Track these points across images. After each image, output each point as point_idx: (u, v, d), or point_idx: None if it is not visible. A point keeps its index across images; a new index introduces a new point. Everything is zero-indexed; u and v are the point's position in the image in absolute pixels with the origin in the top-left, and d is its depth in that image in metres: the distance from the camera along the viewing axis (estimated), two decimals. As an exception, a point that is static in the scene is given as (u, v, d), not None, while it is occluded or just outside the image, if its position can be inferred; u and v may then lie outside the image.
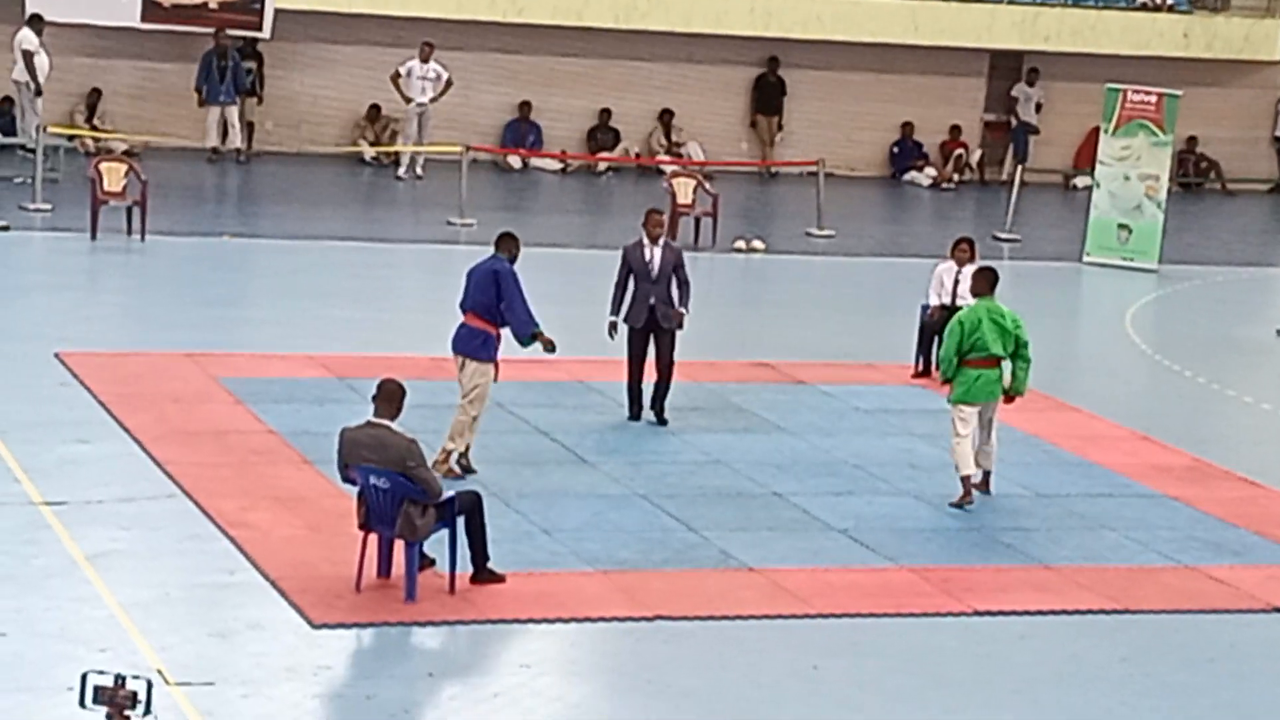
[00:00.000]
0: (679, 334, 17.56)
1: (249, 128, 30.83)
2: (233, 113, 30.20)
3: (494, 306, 15.55)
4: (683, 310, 17.46)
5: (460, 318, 15.68)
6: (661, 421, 17.40)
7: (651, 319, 17.35)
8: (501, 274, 15.58)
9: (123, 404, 16.68)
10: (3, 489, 14.40)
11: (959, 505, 15.57)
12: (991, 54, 34.60)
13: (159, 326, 19.93)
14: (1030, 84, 34.59)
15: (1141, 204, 27.48)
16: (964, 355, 15.71)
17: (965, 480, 15.66)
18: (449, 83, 30.19)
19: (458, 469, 15.47)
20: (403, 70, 30.09)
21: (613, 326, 17.41)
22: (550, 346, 15.80)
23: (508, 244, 15.84)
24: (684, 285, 17.48)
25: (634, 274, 17.36)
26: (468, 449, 15.56)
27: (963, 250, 19.74)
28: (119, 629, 12.01)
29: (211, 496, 14.51)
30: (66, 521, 13.81)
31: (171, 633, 12.03)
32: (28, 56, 28.31)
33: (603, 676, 12.26)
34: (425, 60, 30.10)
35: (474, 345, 15.58)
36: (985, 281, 16.05)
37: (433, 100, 30.08)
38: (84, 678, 8.96)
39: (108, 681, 8.91)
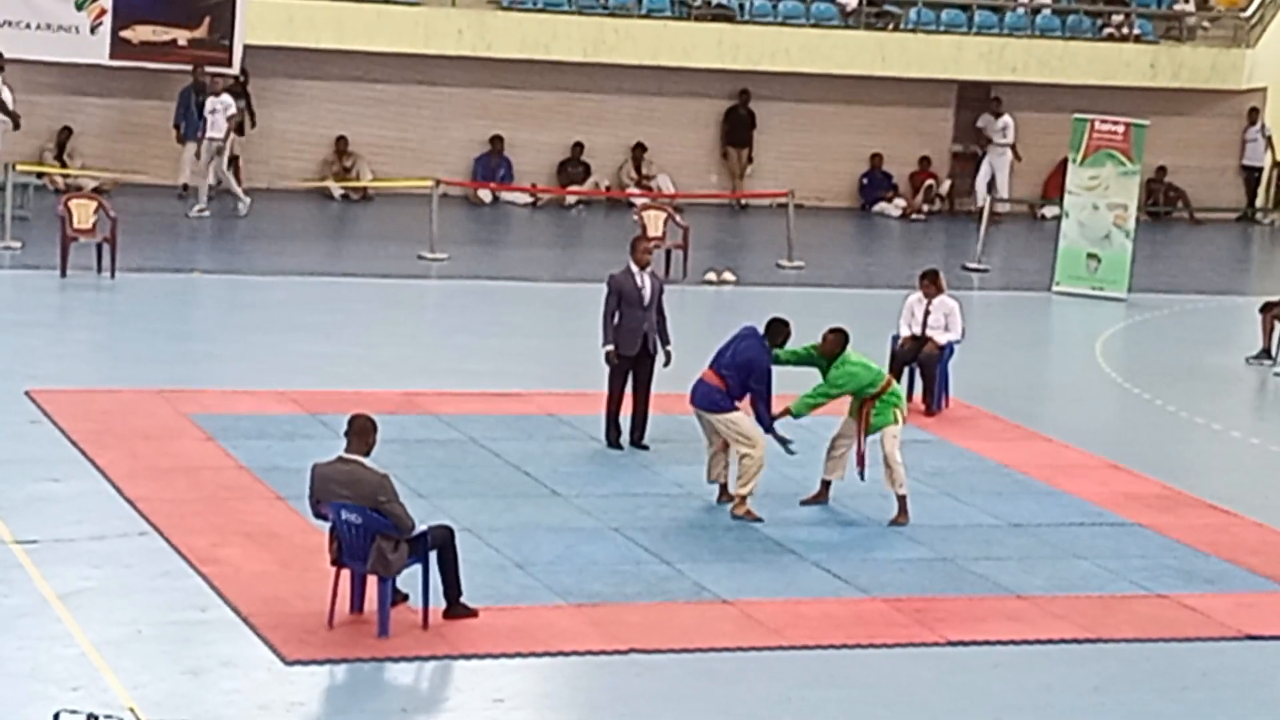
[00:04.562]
0: (664, 369, 17.69)
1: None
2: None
3: (736, 381, 15.81)
4: (669, 348, 17.65)
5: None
6: (643, 447, 17.52)
7: (644, 347, 17.46)
8: (756, 371, 15.81)
9: (93, 441, 16.65)
10: (-27, 528, 14.37)
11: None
12: (959, 85, 34.73)
13: (129, 363, 19.90)
14: (995, 115, 34.55)
15: (1110, 233, 27.57)
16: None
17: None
18: (231, 118, 29.18)
19: (756, 511, 15.70)
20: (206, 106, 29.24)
21: (610, 355, 17.47)
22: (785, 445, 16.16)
23: (773, 331, 16.03)
24: (663, 317, 17.65)
25: (624, 302, 17.43)
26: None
27: (927, 286, 19.95)
28: (91, 668, 11.97)
29: (183, 533, 14.48)
30: (37, 560, 13.76)
31: (144, 671, 11.99)
32: None
33: (576, 710, 12.24)
34: (216, 94, 29.18)
35: (712, 401, 15.88)
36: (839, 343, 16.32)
37: (227, 135, 29.00)
38: (56, 717, 8.95)
39: (80, 720, 8.90)
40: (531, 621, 13.26)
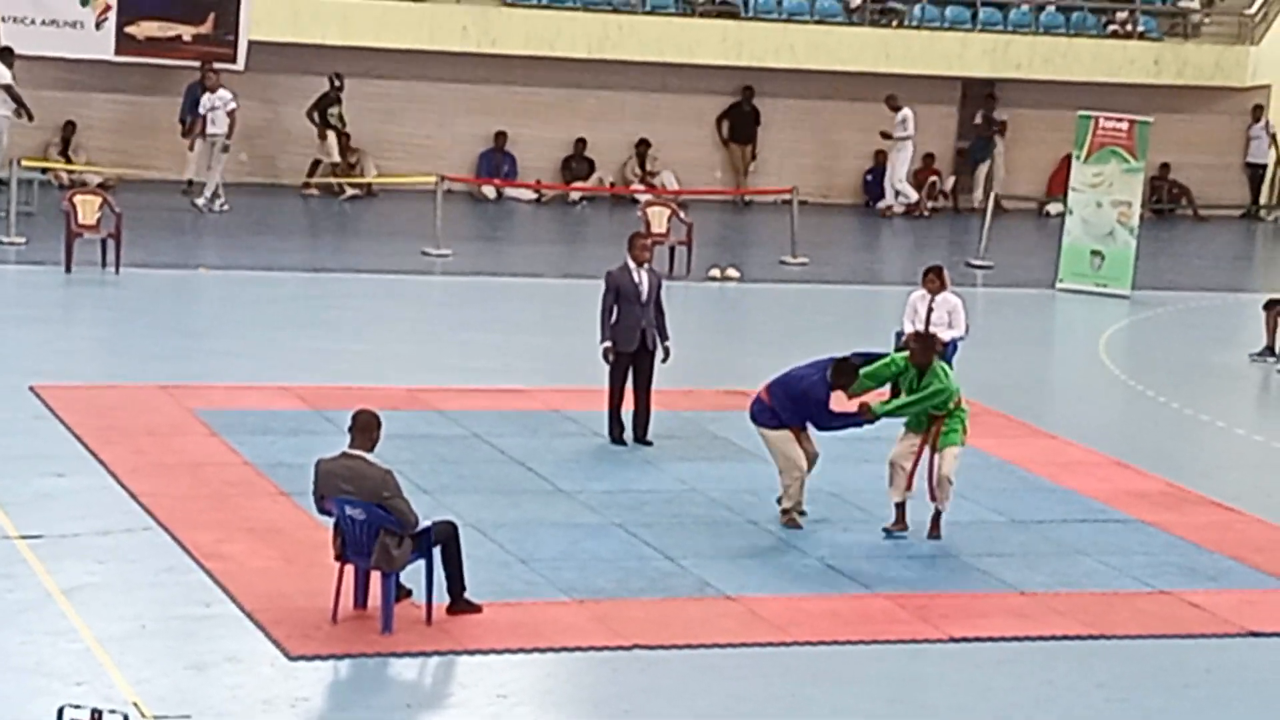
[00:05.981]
0: (662, 365, 17.75)
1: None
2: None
3: (784, 406, 15.55)
4: (668, 343, 17.68)
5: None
6: (647, 443, 17.55)
7: (642, 343, 17.51)
8: (815, 403, 15.52)
9: (98, 437, 16.66)
10: (-22, 523, 14.39)
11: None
12: (964, 82, 34.73)
13: (134, 359, 19.92)
14: (894, 109, 33.35)
15: (1114, 230, 27.57)
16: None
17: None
18: (231, 114, 29.27)
19: (799, 520, 15.60)
20: (204, 103, 29.35)
21: (607, 352, 17.50)
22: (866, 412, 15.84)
23: (839, 373, 15.58)
24: (662, 313, 17.68)
25: (622, 298, 17.47)
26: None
27: (931, 281, 19.90)
28: (95, 662, 11.99)
29: (187, 529, 14.50)
30: (42, 555, 13.78)
31: (148, 665, 12.01)
32: (9, 90, 28.37)
33: (580, 706, 12.26)
34: (213, 90, 29.20)
35: (765, 418, 15.69)
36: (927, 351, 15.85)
37: (230, 131, 29.13)
38: (60, 711, 8.96)
39: (84, 715, 8.91)
40: (535, 617, 13.27)
